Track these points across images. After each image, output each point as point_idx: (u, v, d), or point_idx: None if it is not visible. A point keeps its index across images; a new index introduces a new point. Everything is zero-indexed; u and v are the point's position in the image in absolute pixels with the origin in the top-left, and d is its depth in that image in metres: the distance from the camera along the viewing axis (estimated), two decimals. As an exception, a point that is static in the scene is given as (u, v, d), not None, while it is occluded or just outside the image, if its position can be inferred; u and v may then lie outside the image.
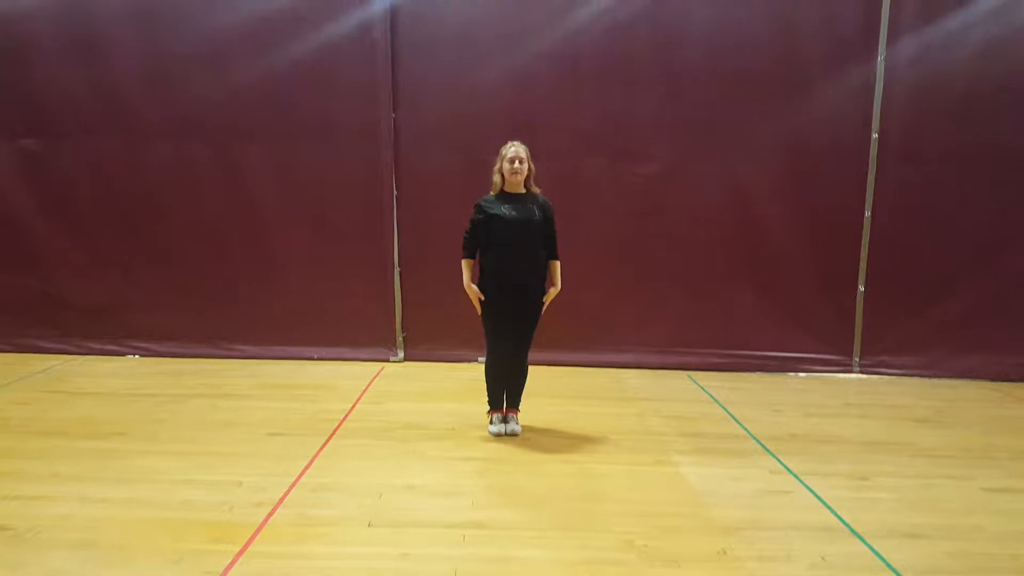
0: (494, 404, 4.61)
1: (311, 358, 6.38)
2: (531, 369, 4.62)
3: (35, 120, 6.18)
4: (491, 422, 4.59)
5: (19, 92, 6.16)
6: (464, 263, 4.42)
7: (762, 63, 6.17)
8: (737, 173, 6.33)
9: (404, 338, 6.53)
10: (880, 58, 6.13)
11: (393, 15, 6.06)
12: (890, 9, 6.07)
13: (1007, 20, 6.09)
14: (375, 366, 6.28)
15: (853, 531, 3.34)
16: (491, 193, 4.40)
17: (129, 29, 6.04)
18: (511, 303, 4.35)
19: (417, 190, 6.29)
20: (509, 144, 4.38)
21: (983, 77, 6.14)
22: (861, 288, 6.45)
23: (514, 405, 4.64)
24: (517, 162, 4.29)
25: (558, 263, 4.50)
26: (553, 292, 4.48)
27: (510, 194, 4.36)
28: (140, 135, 6.19)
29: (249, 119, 6.19)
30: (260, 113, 6.18)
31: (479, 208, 4.35)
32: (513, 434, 4.54)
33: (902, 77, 6.17)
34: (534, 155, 4.43)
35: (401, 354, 6.51)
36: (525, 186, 4.38)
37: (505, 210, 4.29)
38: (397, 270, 6.41)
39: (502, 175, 4.35)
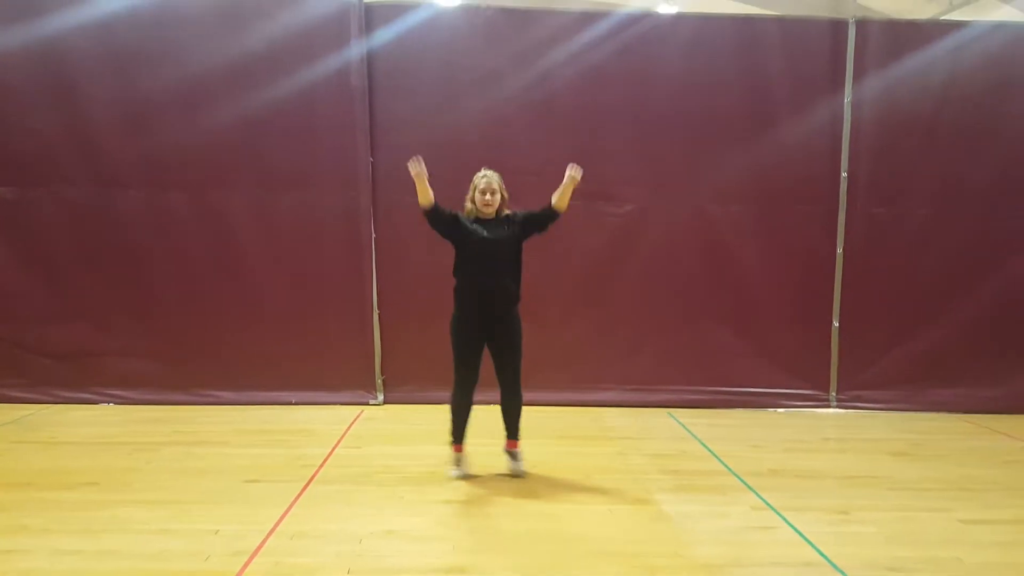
0: (456, 436, 4.54)
1: (289, 402, 6.31)
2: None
3: (9, 168, 6.11)
4: (455, 464, 4.51)
5: (-7, 140, 6.13)
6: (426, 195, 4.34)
7: (731, 104, 6.34)
8: (710, 212, 6.45)
9: (383, 381, 6.49)
10: (847, 99, 6.32)
11: (370, 60, 6.15)
12: (855, 48, 6.29)
13: (966, 61, 6.32)
14: (354, 410, 6.22)
15: (835, 566, 3.35)
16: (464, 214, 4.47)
17: (104, 76, 6.04)
18: (485, 327, 4.38)
19: (395, 233, 6.31)
20: (481, 174, 4.45)
21: (946, 114, 6.37)
22: (835, 324, 6.55)
23: (513, 435, 4.61)
24: (488, 194, 4.37)
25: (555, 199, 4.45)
26: (575, 178, 4.45)
27: (482, 220, 4.44)
28: (115, 182, 6.15)
29: (226, 164, 6.19)
30: (237, 158, 6.19)
31: (455, 213, 4.44)
32: (517, 475, 4.50)
33: (869, 115, 6.37)
34: (510, 196, 4.51)
35: (380, 397, 6.47)
36: (498, 214, 4.45)
37: (478, 227, 4.36)
38: (376, 313, 6.40)
39: (474, 203, 4.42)
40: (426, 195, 4.33)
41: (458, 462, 4.52)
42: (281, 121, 6.15)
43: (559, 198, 4.47)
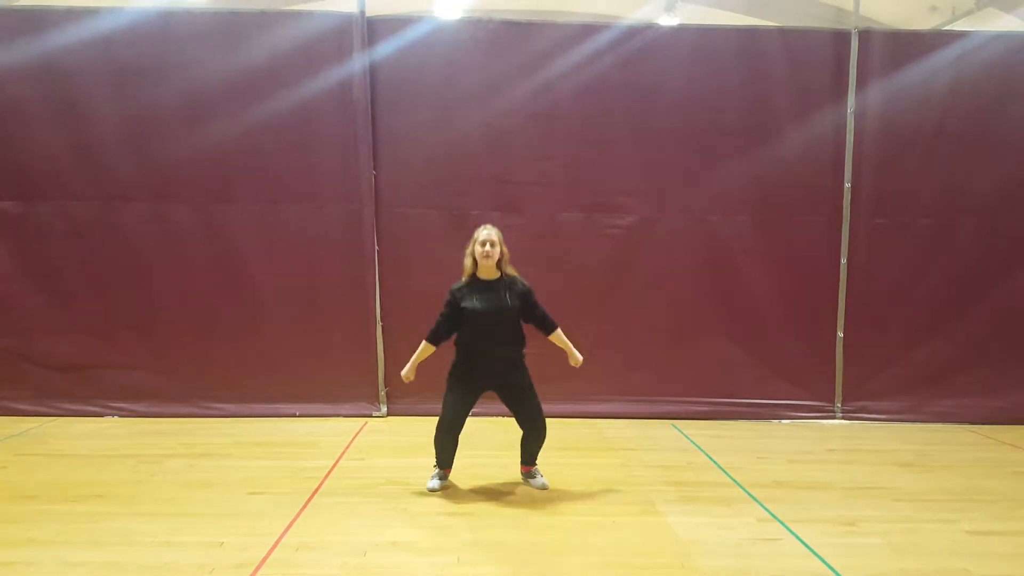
0: (444, 462, 4.52)
1: (292, 415, 6.31)
2: (511, 421, 4.61)
3: (14, 182, 6.16)
4: (436, 477, 4.52)
5: (-2, 154, 6.18)
6: (424, 345, 4.47)
7: (733, 115, 6.37)
8: (713, 223, 6.46)
9: (386, 393, 6.49)
10: (850, 109, 6.34)
11: (372, 73, 6.19)
12: (857, 60, 6.31)
13: (969, 71, 6.33)
14: (358, 422, 6.22)
15: (841, 577, 3.34)
16: (463, 279, 4.38)
17: (107, 91, 6.08)
18: (485, 384, 4.42)
19: (398, 245, 6.33)
20: (481, 228, 4.37)
21: (948, 124, 6.38)
22: (840, 334, 6.54)
23: (530, 462, 4.62)
24: (488, 245, 4.24)
25: (559, 330, 4.52)
26: (575, 356, 4.55)
27: (482, 281, 4.32)
28: (119, 195, 6.20)
29: (228, 177, 6.23)
30: (239, 171, 6.23)
31: (451, 296, 4.35)
32: (542, 487, 4.50)
33: (871, 126, 6.38)
34: (512, 209, 4.52)
35: (384, 409, 6.47)
36: (499, 268, 4.32)
37: (476, 301, 4.26)
38: (379, 325, 6.42)
39: (474, 258, 4.31)
40: (419, 360, 4.52)
41: (439, 476, 4.53)
42: (284, 135, 6.20)
43: (559, 342, 4.55)
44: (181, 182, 6.21)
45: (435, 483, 4.49)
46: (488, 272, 4.33)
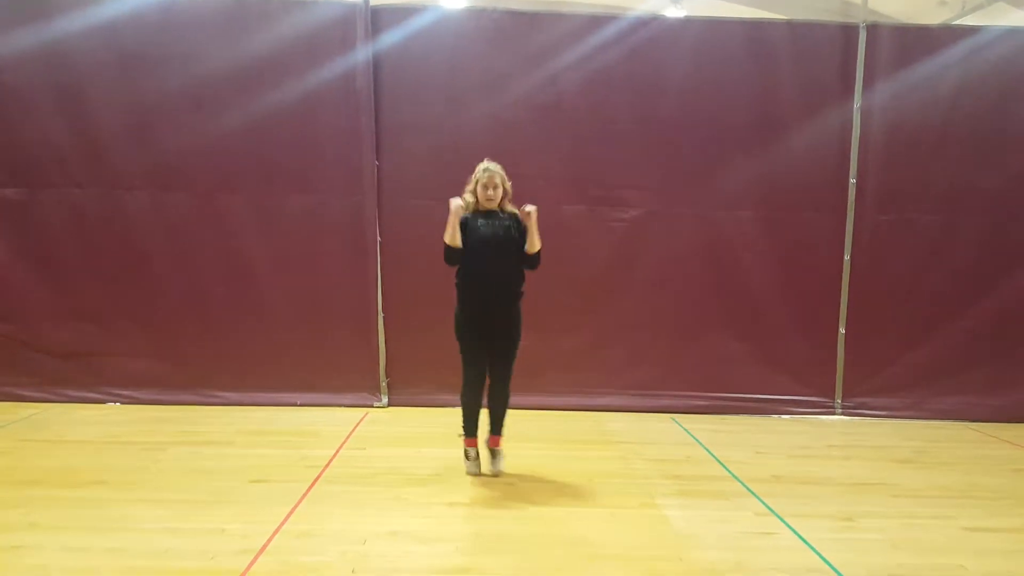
0: (468, 430, 4.59)
1: (294, 404, 6.33)
2: (515, 413, 4.64)
3: (16, 170, 6.15)
4: (466, 457, 4.60)
5: (-1, 141, 6.18)
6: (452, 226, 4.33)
7: (739, 109, 6.33)
8: (716, 218, 6.45)
9: (388, 383, 6.51)
10: (856, 104, 6.31)
11: (376, 63, 6.17)
12: (865, 55, 6.28)
13: (977, 67, 6.30)
14: (359, 412, 6.25)
15: (838, 573, 3.35)
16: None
17: (110, 79, 6.07)
18: (487, 322, 4.39)
19: (400, 236, 6.33)
20: (483, 167, 4.42)
21: (956, 121, 6.34)
22: (842, 330, 6.54)
23: (497, 431, 4.64)
24: (491, 189, 4.36)
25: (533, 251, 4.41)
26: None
27: (483, 211, 4.42)
28: (121, 184, 6.18)
29: (231, 167, 6.22)
30: (242, 161, 6.21)
31: (463, 222, 4.37)
32: (497, 474, 4.53)
33: (878, 121, 6.35)
34: (516, 202, 4.51)
35: (385, 399, 6.49)
36: (499, 206, 4.44)
37: (480, 224, 4.35)
38: (381, 316, 6.43)
39: (475, 196, 4.40)
40: (456, 237, 4.32)
41: (470, 455, 4.60)
42: (286, 124, 6.18)
43: (528, 243, 4.41)
44: (183, 171, 6.20)
45: (472, 466, 4.57)
46: (490, 205, 4.42)
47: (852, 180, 6.39)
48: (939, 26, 7.50)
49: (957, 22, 10.73)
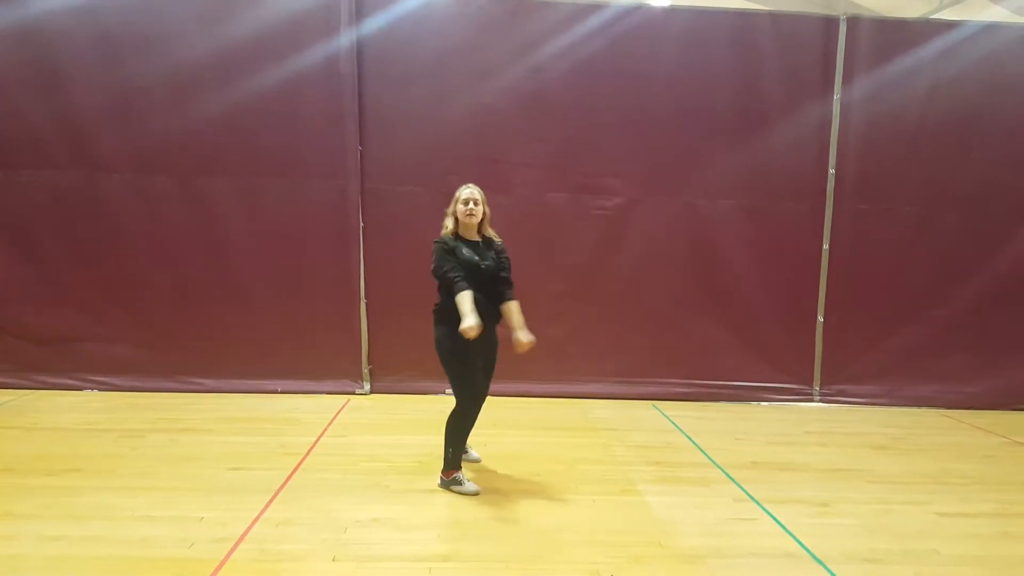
0: (458, 462, 4.16)
1: (274, 391, 6.31)
2: (497, 400, 4.63)
3: (-6, 151, 6.08)
4: (462, 482, 4.11)
5: (-23, 123, 6.06)
6: (464, 295, 3.80)
7: (722, 99, 6.37)
8: (698, 207, 6.48)
9: (370, 371, 6.49)
10: (836, 96, 6.36)
11: (360, 48, 6.13)
12: (845, 49, 6.33)
13: (955, 61, 6.37)
14: (340, 399, 6.23)
15: (815, 557, 3.40)
16: (444, 235, 4.04)
17: (90, 60, 5.99)
18: (481, 348, 4.07)
19: (383, 222, 6.30)
20: (464, 187, 4.12)
21: (934, 113, 6.42)
22: (820, 319, 6.61)
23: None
24: (472, 203, 4.00)
25: (515, 303, 4.08)
26: (521, 336, 3.98)
27: (465, 240, 4.04)
28: (101, 166, 6.11)
29: (213, 151, 6.16)
30: (224, 145, 6.16)
31: (445, 243, 3.97)
32: (476, 460, 4.52)
33: (857, 112, 6.42)
34: (500, 189, 4.48)
35: (367, 386, 6.47)
36: (480, 231, 4.11)
37: (468, 254, 3.96)
38: (363, 302, 6.40)
39: (455, 218, 4.05)
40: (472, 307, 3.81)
41: (465, 478, 4.17)
42: (269, 108, 6.12)
43: (509, 312, 4.05)
44: (165, 154, 6.13)
45: (472, 485, 4.13)
46: (470, 232, 4.07)
47: (831, 170, 6.45)
48: (918, 20, 7.55)
49: (935, 16, 10.83)
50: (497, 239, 4.19)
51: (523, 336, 3.98)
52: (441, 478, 4.17)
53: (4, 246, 6.18)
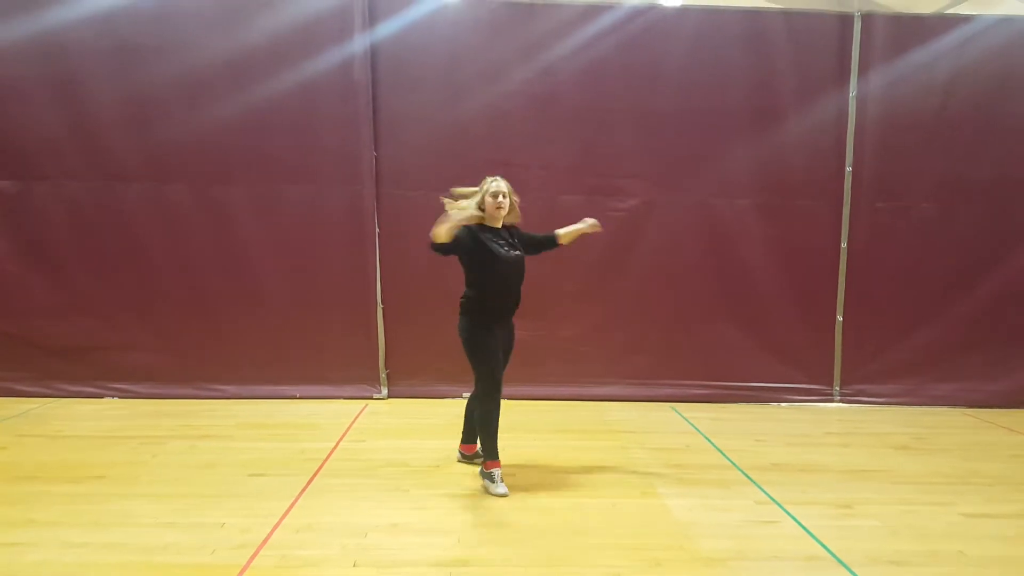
0: (495, 453, 4.19)
1: (293, 397, 6.33)
2: (515, 403, 4.63)
3: (11, 162, 6.11)
4: (497, 480, 4.14)
5: (-5, 133, 6.12)
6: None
7: (736, 98, 6.33)
8: (714, 207, 6.45)
9: (387, 375, 6.51)
10: (852, 93, 6.31)
11: (374, 53, 6.15)
12: (860, 44, 6.28)
13: (971, 55, 6.31)
14: (358, 404, 6.24)
15: (838, 559, 3.36)
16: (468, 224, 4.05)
17: (106, 69, 6.03)
18: (503, 337, 4.23)
19: (398, 227, 6.31)
20: (491, 178, 4.19)
21: (951, 109, 6.36)
22: (839, 318, 6.56)
23: (475, 440, 4.56)
24: (501, 196, 4.10)
25: (559, 231, 4.48)
26: (587, 224, 4.52)
27: (491, 228, 4.15)
28: (118, 175, 6.16)
29: (229, 158, 6.20)
30: (240, 152, 6.19)
31: (468, 231, 4.00)
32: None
33: (873, 110, 6.36)
34: (514, 191, 4.47)
35: (385, 391, 6.49)
36: (504, 221, 4.23)
37: (496, 246, 4.06)
38: (380, 307, 6.42)
39: (481, 208, 4.12)
40: (450, 234, 3.86)
41: (500, 477, 4.18)
42: (284, 115, 6.16)
43: (566, 236, 4.46)
44: (181, 162, 6.17)
45: (503, 487, 4.13)
46: (495, 222, 4.17)
47: (848, 168, 6.40)
48: (933, 15, 7.47)
49: (951, 11, 10.72)
50: (515, 223, 4.35)
51: (586, 221, 4.46)
52: (481, 469, 4.30)
53: (23, 256, 6.24)
